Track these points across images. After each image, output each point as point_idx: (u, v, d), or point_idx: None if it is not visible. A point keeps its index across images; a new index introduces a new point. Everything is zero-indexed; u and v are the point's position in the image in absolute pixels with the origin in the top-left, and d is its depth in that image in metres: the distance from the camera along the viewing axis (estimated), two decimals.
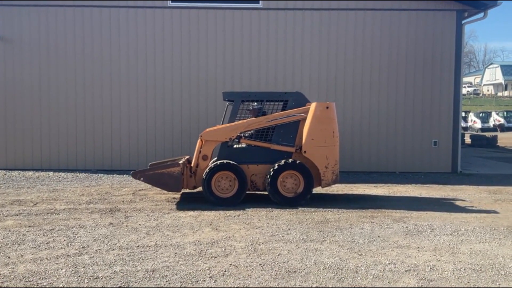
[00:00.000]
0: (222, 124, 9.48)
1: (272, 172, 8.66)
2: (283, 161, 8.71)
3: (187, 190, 9.39)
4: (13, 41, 13.01)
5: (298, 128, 8.98)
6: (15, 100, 13.06)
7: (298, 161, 8.76)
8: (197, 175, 9.08)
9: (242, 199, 8.72)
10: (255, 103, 9.30)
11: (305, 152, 8.79)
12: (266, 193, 8.89)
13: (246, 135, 9.18)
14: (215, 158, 9.14)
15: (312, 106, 8.87)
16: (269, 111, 9.33)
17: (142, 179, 8.91)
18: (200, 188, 8.99)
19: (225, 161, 8.82)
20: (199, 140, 9.17)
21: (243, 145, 9.17)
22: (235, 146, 9.19)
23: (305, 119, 8.91)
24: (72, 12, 13.00)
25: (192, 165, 9.19)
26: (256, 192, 9.16)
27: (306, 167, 8.73)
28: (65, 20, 13.01)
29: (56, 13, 13.01)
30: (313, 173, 8.79)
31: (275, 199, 8.71)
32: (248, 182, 8.85)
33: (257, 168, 8.94)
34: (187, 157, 9.80)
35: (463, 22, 13.38)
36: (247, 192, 9.05)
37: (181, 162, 9.08)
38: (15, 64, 13.04)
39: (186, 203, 8.92)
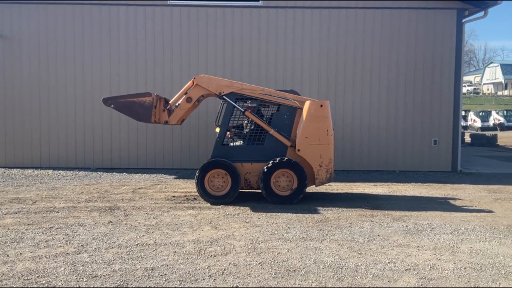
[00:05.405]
0: (217, 123, 9.45)
1: (265, 171, 8.62)
2: (272, 161, 8.65)
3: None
4: (12, 39, 12.99)
5: (294, 119, 8.94)
6: (15, 98, 13.05)
7: (291, 159, 8.72)
8: (174, 113, 9.05)
9: (235, 197, 8.70)
10: (250, 101, 9.29)
11: (298, 150, 8.73)
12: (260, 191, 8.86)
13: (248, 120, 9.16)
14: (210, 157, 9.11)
15: (306, 104, 8.81)
16: (264, 109, 9.32)
17: (112, 106, 8.86)
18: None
19: (216, 158, 8.80)
20: (190, 81, 9.13)
21: (237, 143, 9.17)
22: (230, 144, 9.18)
23: (300, 109, 8.88)
24: (71, 9, 12.98)
25: (172, 100, 9.15)
26: (251, 190, 9.13)
27: (299, 165, 8.68)
28: (65, 18, 12.99)
29: (56, 11, 12.99)
30: (307, 172, 8.74)
31: (268, 198, 8.67)
32: (242, 180, 8.82)
33: (251, 167, 8.90)
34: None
35: (463, 21, 13.36)
36: (246, 191, 9.02)
37: (155, 94, 8.99)
38: (15, 62, 13.02)
39: (185, 201, 8.90)
